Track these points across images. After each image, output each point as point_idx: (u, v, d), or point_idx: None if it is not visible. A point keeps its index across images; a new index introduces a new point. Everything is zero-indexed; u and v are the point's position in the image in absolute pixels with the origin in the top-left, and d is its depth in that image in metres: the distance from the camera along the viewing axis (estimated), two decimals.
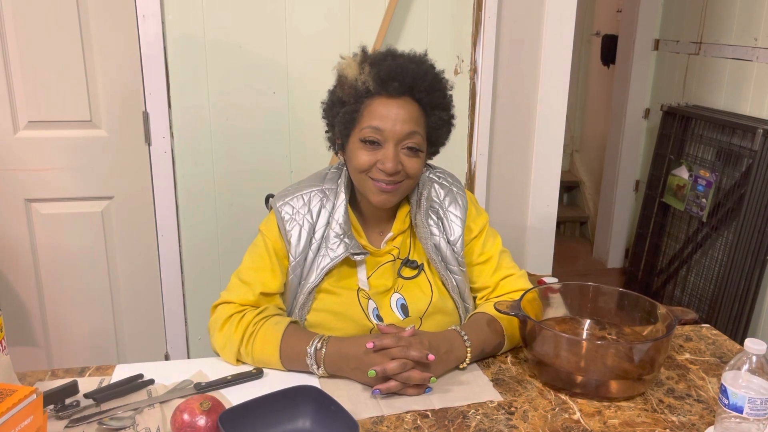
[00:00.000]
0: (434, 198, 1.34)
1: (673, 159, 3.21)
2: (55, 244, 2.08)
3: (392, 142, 1.21)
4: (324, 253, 1.27)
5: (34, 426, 0.89)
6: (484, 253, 1.36)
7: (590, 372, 1.12)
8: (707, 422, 1.07)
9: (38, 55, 1.92)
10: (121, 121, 2.04)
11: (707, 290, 2.94)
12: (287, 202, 1.29)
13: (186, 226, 2.14)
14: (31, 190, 2.02)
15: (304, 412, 1.03)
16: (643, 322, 1.25)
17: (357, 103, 1.23)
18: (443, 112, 1.28)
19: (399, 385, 1.10)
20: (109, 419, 1.03)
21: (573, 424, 1.06)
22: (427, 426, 1.04)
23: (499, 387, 1.16)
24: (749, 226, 2.66)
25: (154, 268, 2.16)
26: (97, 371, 1.19)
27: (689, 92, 3.32)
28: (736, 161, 2.80)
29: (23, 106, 1.95)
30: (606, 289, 1.31)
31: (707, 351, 1.32)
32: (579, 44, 4.50)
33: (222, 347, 1.23)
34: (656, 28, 3.62)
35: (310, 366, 1.16)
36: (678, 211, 3.20)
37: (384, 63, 1.22)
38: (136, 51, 1.98)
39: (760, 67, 2.77)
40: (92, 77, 1.98)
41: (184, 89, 2.04)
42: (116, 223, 2.11)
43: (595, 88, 4.50)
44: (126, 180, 2.08)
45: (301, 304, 1.28)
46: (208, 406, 0.96)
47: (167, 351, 2.24)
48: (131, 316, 2.20)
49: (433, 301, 1.30)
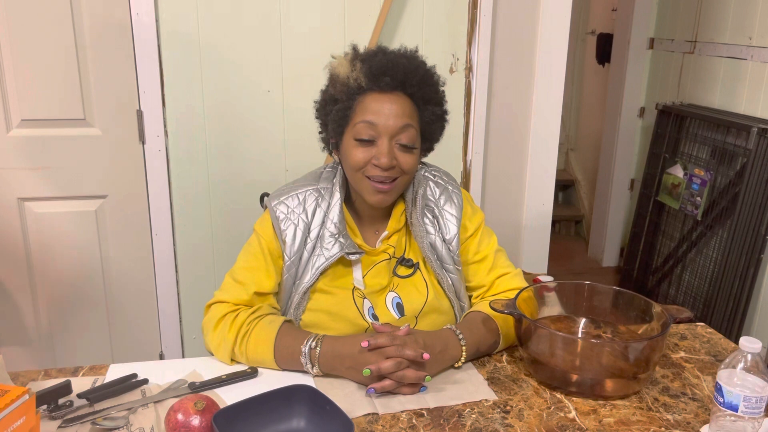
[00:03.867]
0: (429, 196, 1.34)
1: (667, 158, 3.22)
2: (48, 243, 2.07)
3: (386, 137, 1.21)
4: (319, 252, 1.26)
5: (27, 426, 0.88)
6: (479, 251, 1.36)
7: (585, 371, 1.12)
8: (702, 420, 1.07)
9: (31, 53, 1.91)
10: (115, 119, 2.03)
11: (702, 289, 2.94)
12: (282, 201, 1.29)
13: (180, 224, 2.14)
14: (24, 189, 2.01)
15: (299, 412, 1.03)
16: (638, 320, 1.25)
17: (349, 100, 1.23)
18: (436, 106, 1.28)
19: (394, 384, 1.10)
20: (102, 419, 1.03)
21: (568, 422, 1.06)
22: (423, 425, 1.04)
23: (495, 386, 1.16)
24: (744, 224, 2.67)
25: (149, 267, 2.16)
26: (90, 371, 1.19)
27: (684, 91, 3.33)
28: (731, 160, 2.81)
29: (16, 105, 1.94)
30: (601, 287, 1.31)
31: (702, 349, 1.32)
32: (574, 43, 4.51)
33: (216, 347, 1.22)
34: (651, 27, 3.63)
35: (305, 365, 1.16)
36: (673, 210, 3.20)
37: (375, 59, 1.23)
38: (130, 49, 1.97)
39: (754, 66, 2.78)
40: (86, 75, 1.97)
41: (178, 87, 2.03)
42: (110, 221, 2.11)
43: (590, 87, 4.51)
44: (120, 179, 2.07)
45: (296, 304, 1.28)
46: (202, 406, 0.95)
47: (162, 350, 2.23)
48: (125, 315, 2.19)
49: (428, 299, 1.30)
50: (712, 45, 3.08)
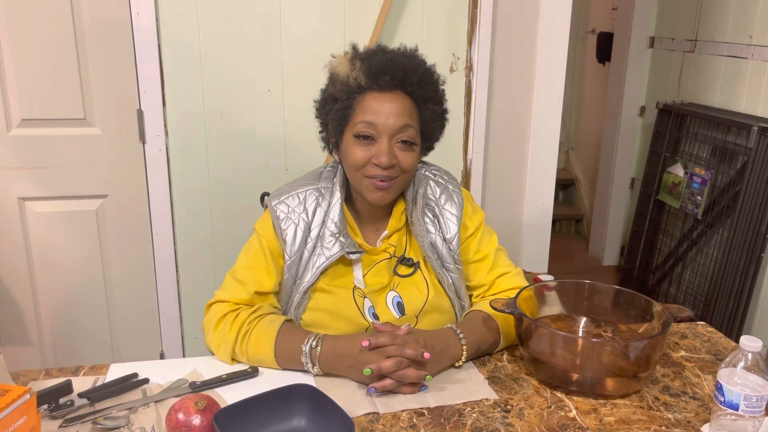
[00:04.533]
0: (430, 196, 1.34)
1: (668, 156, 3.22)
2: (49, 242, 2.07)
3: (386, 136, 1.21)
4: (319, 252, 1.26)
5: (28, 426, 0.88)
6: (480, 251, 1.36)
7: (586, 370, 1.12)
8: (703, 420, 1.07)
9: (31, 52, 1.91)
10: (116, 119, 2.03)
11: (702, 288, 2.94)
12: (282, 200, 1.29)
13: (181, 224, 2.14)
14: (24, 189, 2.01)
15: (299, 411, 1.03)
16: (639, 319, 1.25)
17: (349, 99, 1.23)
18: (436, 105, 1.28)
19: (394, 383, 1.10)
20: (103, 419, 1.03)
21: (569, 421, 1.06)
22: (423, 424, 1.04)
23: (495, 385, 1.16)
24: (744, 223, 2.67)
25: (149, 267, 2.16)
26: (91, 370, 1.19)
27: (684, 90, 3.32)
28: (731, 159, 2.81)
29: (16, 104, 1.94)
30: (601, 286, 1.31)
31: (702, 348, 1.32)
32: (574, 42, 4.51)
33: (217, 346, 1.22)
34: (651, 26, 3.62)
35: (305, 364, 1.16)
36: (673, 209, 3.20)
37: (375, 58, 1.22)
38: (130, 48, 1.97)
39: (755, 65, 2.77)
40: (86, 74, 1.97)
41: (178, 87, 2.03)
42: (111, 221, 2.11)
43: (590, 86, 4.50)
44: (120, 178, 2.08)
45: (296, 304, 1.28)
46: (203, 405, 0.95)
47: (162, 350, 2.23)
48: (126, 314, 2.19)
49: (429, 299, 1.30)
50: (713, 44, 3.07)
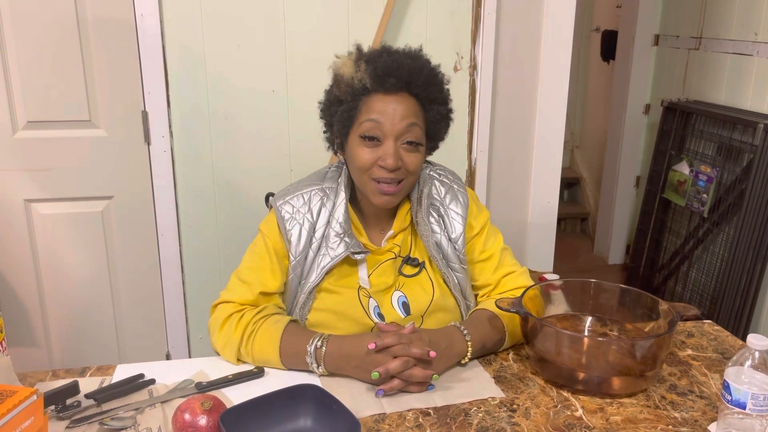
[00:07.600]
0: (435, 195, 1.34)
1: (673, 154, 3.21)
2: (55, 244, 2.07)
3: (391, 138, 1.20)
4: (324, 252, 1.26)
5: (35, 427, 0.88)
6: (485, 250, 1.36)
7: (592, 369, 1.12)
8: (710, 418, 1.06)
9: (36, 55, 1.92)
10: (121, 120, 2.03)
11: (709, 286, 2.93)
12: (287, 201, 1.29)
13: (186, 225, 2.14)
14: (30, 191, 2.02)
15: (305, 411, 1.03)
16: (645, 318, 1.25)
17: (354, 100, 1.23)
18: (441, 106, 1.28)
19: (401, 383, 1.10)
20: (110, 419, 1.03)
21: (575, 421, 1.05)
22: (429, 424, 1.04)
23: (501, 384, 1.16)
24: (750, 221, 2.66)
25: (155, 268, 2.16)
26: (98, 371, 1.19)
27: (689, 87, 3.31)
28: (737, 156, 2.80)
29: (22, 106, 1.95)
30: (607, 285, 1.30)
31: (709, 347, 1.31)
32: (579, 40, 4.50)
33: (222, 347, 1.23)
34: (656, 24, 3.61)
35: (310, 365, 1.16)
36: (679, 207, 3.19)
37: (380, 59, 1.22)
38: (134, 50, 1.98)
39: (760, 62, 2.76)
40: (91, 76, 1.98)
41: (183, 88, 2.03)
42: (116, 223, 2.11)
43: (595, 84, 4.49)
44: (126, 180, 2.08)
45: (301, 304, 1.28)
46: (209, 406, 0.95)
47: (168, 350, 2.24)
48: (132, 315, 2.20)
49: (434, 298, 1.30)
50: (718, 41, 3.06)
